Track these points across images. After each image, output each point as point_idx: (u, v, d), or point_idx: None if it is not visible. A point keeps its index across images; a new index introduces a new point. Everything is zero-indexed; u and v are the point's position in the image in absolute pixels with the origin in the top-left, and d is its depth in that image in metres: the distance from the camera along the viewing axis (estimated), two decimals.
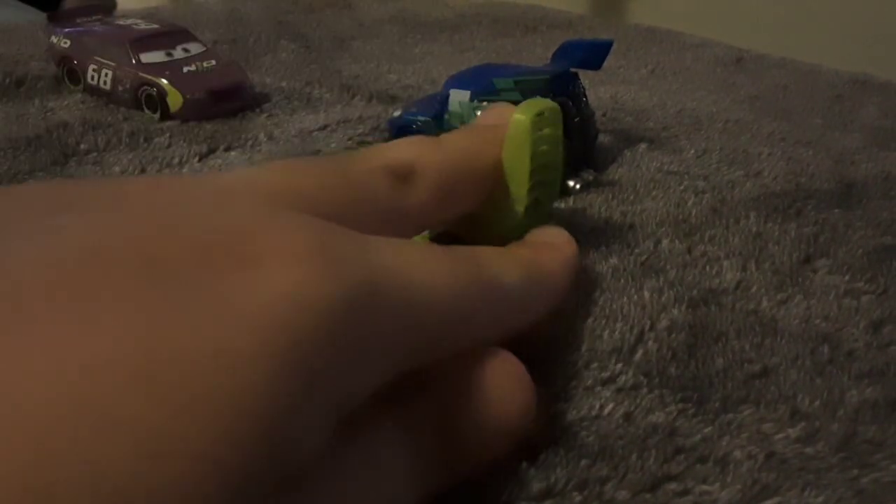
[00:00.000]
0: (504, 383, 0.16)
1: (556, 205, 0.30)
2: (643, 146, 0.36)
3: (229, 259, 0.12)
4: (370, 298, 0.13)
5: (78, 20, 0.45)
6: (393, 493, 0.14)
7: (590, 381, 0.20)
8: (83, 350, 0.10)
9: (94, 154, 0.35)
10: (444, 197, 0.19)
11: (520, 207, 0.22)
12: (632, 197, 0.31)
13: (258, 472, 0.11)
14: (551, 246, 0.21)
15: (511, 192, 0.22)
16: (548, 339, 0.21)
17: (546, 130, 0.22)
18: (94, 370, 0.10)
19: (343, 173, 0.18)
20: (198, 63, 0.41)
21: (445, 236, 0.23)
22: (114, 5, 0.65)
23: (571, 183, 0.31)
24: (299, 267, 0.12)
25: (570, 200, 0.30)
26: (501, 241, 0.21)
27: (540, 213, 0.23)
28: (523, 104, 0.22)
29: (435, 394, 0.16)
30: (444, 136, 0.21)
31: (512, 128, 0.21)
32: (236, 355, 0.11)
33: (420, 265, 0.15)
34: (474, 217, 0.22)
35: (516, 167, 0.22)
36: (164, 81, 0.39)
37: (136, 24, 0.43)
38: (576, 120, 0.32)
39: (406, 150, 0.19)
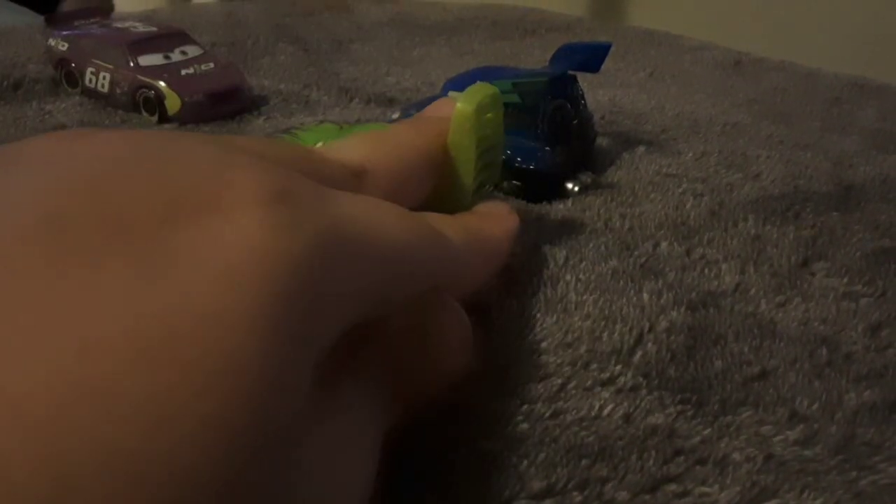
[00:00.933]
0: (445, 324, 0.17)
1: (555, 206, 0.30)
2: (642, 149, 0.36)
3: (194, 211, 0.12)
4: (337, 243, 0.13)
5: (76, 23, 0.45)
6: (362, 437, 0.14)
7: (589, 382, 0.20)
8: (69, 332, 0.10)
9: None
10: (396, 191, 0.20)
11: (468, 192, 0.23)
12: (630, 199, 0.31)
13: (262, 429, 0.11)
14: (493, 215, 0.23)
15: (459, 178, 0.23)
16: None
17: (488, 115, 0.23)
18: (85, 351, 0.10)
19: (307, 154, 0.18)
20: (196, 66, 0.41)
21: None
22: (111, 8, 0.65)
23: (570, 185, 0.31)
24: (267, 213, 0.12)
25: (569, 203, 0.30)
26: None
27: (484, 193, 0.25)
28: (465, 93, 0.23)
29: (384, 339, 0.16)
30: (392, 130, 0.22)
31: (456, 117, 0.22)
32: (222, 316, 0.11)
33: (374, 214, 0.15)
34: (425, 202, 0.23)
35: (462, 155, 0.22)
36: (162, 84, 0.39)
37: (133, 27, 0.43)
38: (574, 122, 0.32)
39: (357, 149, 0.20)
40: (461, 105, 0.22)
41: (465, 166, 0.23)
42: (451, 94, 0.24)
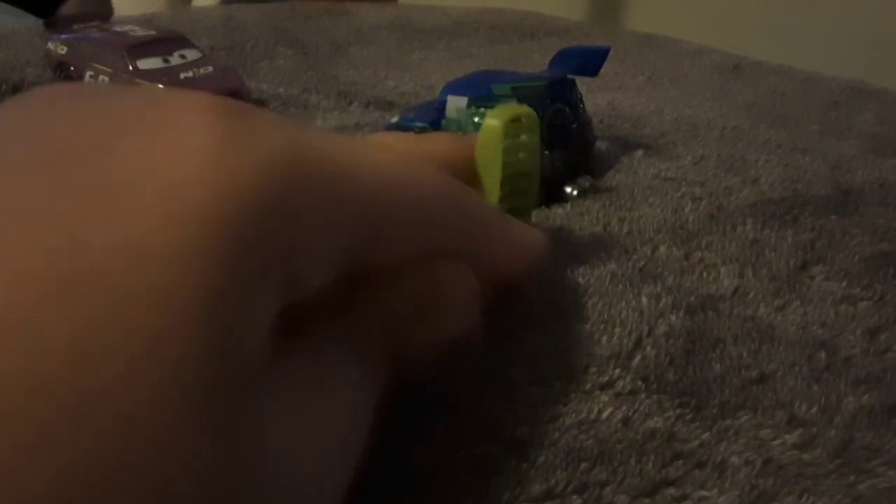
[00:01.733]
0: (452, 287, 0.16)
1: (554, 210, 0.30)
2: (640, 153, 0.36)
3: (133, 132, 0.11)
4: (293, 160, 0.12)
5: (75, 26, 0.45)
6: (347, 396, 0.14)
7: (588, 386, 0.20)
8: None
9: None
10: None
11: None
12: (629, 203, 0.31)
13: (207, 364, 0.10)
14: (523, 226, 0.21)
15: (483, 196, 0.21)
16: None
17: (522, 137, 0.22)
18: (4, 280, 0.09)
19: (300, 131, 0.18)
20: (195, 69, 0.41)
21: None
22: (111, 11, 0.65)
23: (569, 189, 0.31)
24: (213, 129, 0.11)
25: (568, 206, 0.30)
26: None
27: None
28: (497, 108, 0.22)
29: (383, 296, 0.15)
30: (423, 138, 0.20)
31: (483, 131, 0.21)
32: (154, 251, 0.10)
33: (347, 144, 0.14)
34: None
35: (488, 172, 0.21)
36: (161, 88, 0.39)
37: (132, 31, 0.43)
38: (573, 126, 0.32)
39: (389, 139, 0.19)
40: (490, 119, 0.21)
41: (490, 185, 0.21)
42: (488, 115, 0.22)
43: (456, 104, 0.31)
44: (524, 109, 0.22)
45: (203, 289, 0.10)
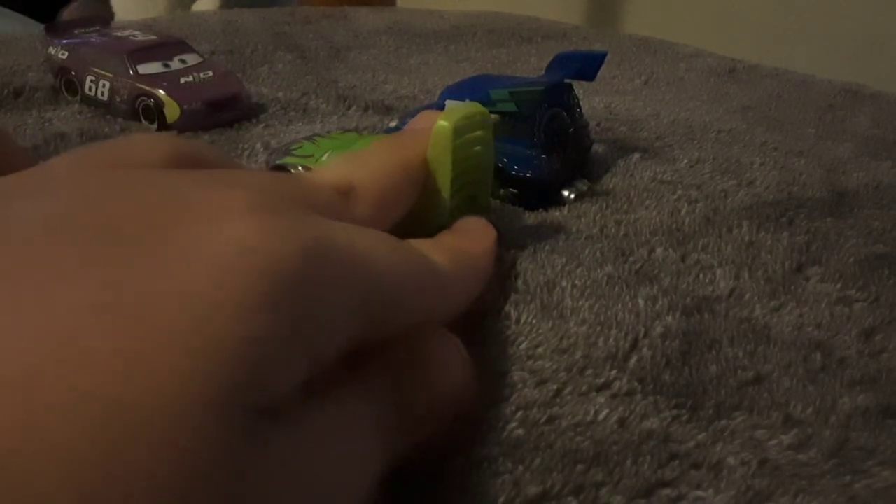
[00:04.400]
0: (446, 356, 0.18)
1: (551, 213, 0.30)
2: (637, 156, 0.37)
3: (183, 219, 0.13)
4: (325, 254, 0.14)
5: (76, 31, 0.45)
6: (361, 451, 0.15)
7: (585, 387, 0.20)
8: (62, 298, 0.11)
9: None
10: (381, 205, 0.21)
11: (444, 208, 0.23)
12: (626, 206, 0.31)
13: (236, 394, 0.11)
14: (471, 232, 0.23)
15: (438, 193, 0.23)
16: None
17: (477, 133, 0.24)
18: (73, 312, 0.11)
19: (295, 180, 0.20)
20: (195, 74, 0.41)
21: None
22: (111, 17, 0.66)
23: (566, 192, 0.31)
24: (256, 220, 0.13)
25: (565, 210, 0.30)
26: (431, 231, 0.22)
27: (477, 206, 0.25)
28: (448, 109, 0.23)
29: (388, 366, 0.17)
30: (376, 146, 0.22)
31: (435, 133, 0.23)
32: (200, 297, 0.12)
33: (362, 237, 0.16)
34: (406, 216, 0.23)
35: (440, 171, 0.23)
36: (162, 92, 0.39)
37: (133, 36, 0.43)
38: (570, 130, 0.32)
39: (343, 168, 0.21)
40: (441, 122, 0.23)
41: (443, 182, 0.23)
42: (448, 102, 0.25)
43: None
44: (477, 108, 0.24)
45: (248, 339, 0.12)
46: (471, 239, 0.22)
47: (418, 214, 0.23)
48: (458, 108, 0.24)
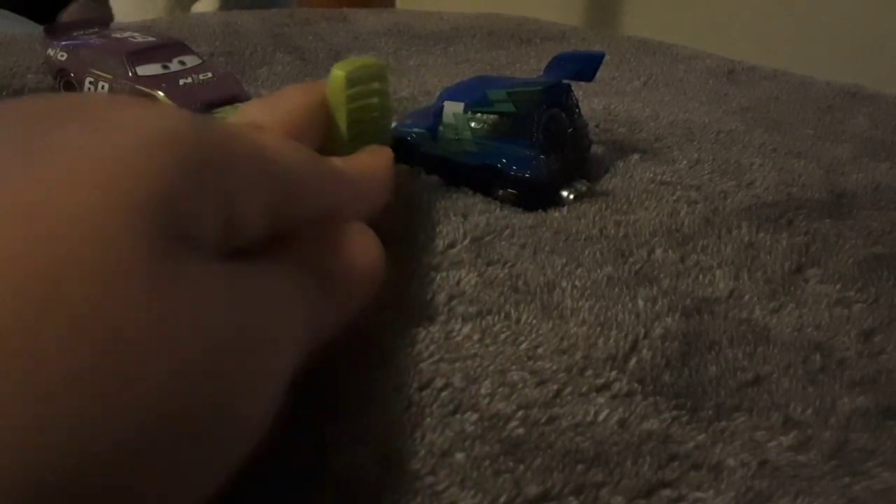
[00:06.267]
0: (360, 234, 0.21)
1: (550, 214, 0.30)
2: (636, 157, 0.37)
3: (75, 117, 0.14)
4: (227, 134, 0.16)
5: (75, 33, 0.45)
6: (283, 311, 0.16)
7: (585, 388, 0.20)
8: None
9: None
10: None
11: (343, 142, 0.26)
12: (625, 207, 0.31)
13: (146, 212, 0.13)
14: (370, 152, 0.26)
15: (339, 135, 0.26)
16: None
17: (374, 84, 0.27)
18: None
19: (213, 120, 0.22)
20: (194, 75, 0.41)
21: None
22: (110, 18, 0.65)
23: (565, 193, 0.31)
24: (162, 109, 0.15)
25: (564, 210, 0.30)
26: None
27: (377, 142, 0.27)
28: (346, 60, 0.26)
29: (307, 240, 0.19)
30: (280, 93, 0.25)
31: (330, 80, 0.26)
32: (112, 147, 0.13)
33: (266, 136, 0.18)
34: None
35: (338, 115, 0.26)
36: (161, 94, 0.39)
37: (132, 37, 0.43)
38: (569, 131, 0.32)
39: (254, 112, 0.24)
40: (335, 70, 0.26)
41: (341, 125, 0.26)
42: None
43: (453, 110, 0.31)
44: (373, 61, 0.27)
45: (158, 179, 0.13)
46: (369, 155, 0.25)
47: (323, 152, 0.25)
48: (354, 60, 0.26)
